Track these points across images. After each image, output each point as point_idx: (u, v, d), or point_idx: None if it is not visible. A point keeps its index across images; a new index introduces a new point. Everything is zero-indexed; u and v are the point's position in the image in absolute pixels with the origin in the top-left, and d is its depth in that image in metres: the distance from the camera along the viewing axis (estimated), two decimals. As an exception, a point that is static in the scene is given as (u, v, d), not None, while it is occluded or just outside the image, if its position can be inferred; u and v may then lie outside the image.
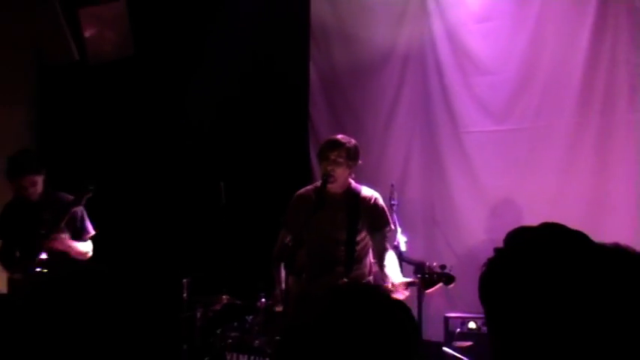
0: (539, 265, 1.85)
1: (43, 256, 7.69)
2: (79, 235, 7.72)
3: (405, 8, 8.81)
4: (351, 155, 7.06)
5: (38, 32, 9.48)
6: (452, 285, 6.83)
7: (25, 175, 7.81)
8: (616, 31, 7.81)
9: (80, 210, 7.74)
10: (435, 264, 6.92)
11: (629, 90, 7.73)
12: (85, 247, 7.75)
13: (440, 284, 6.78)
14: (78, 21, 9.28)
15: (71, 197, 7.85)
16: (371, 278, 7.14)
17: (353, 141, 7.16)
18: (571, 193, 7.85)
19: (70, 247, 7.64)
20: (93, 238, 7.83)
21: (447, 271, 6.84)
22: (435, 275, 6.81)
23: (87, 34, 9.34)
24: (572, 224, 1.97)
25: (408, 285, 6.78)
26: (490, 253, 1.94)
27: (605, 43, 7.84)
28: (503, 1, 8.24)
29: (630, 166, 7.70)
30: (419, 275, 6.94)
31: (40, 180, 7.84)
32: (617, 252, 1.84)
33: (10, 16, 9.69)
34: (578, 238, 1.89)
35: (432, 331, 7.59)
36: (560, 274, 1.81)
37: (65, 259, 7.81)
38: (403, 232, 7.38)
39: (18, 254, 7.92)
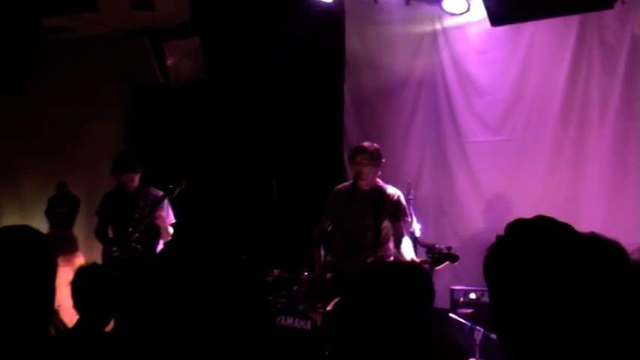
0: (532, 248, 1.87)
1: (137, 235, 7.94)
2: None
3: (420, 43, 8.80)
4: (374, 156, 7.14)
5: (131, 61, 9.56)
6: (456, 263, 6.83)
7: (126, 172, 8.04)
8: (590, 61, 7.84)
9: (166, 201, 7.98)
10: (442, 246, 6.93)
11: (600, 108, 7.78)
12: (170, 230, 7.99)
13: (447, 262, 6.79)
14: (162, 52, 9.34)
15: (159, 191, 8.07)
16: (392, 258, 7.16)
17: (375, 145, 7.25)
18: (552, 190, 7.89)
19: (165, 225, 7.92)
20: (173, 225, 8.07)
21: (452, 251, 6.85)
22: (443, 255, 6.81)
23: (169, 62, 9.39)
24: (554, 216, 1.99)
25: (421, 263, 6.76)
26: (487, 238, 1.96)
27: (581, 70, 7.89)
28: (498, 37, 8.19)
29: (601, 169, 7.76)
30: (429, 255, 6.94)
31: (137, 177, 8.07)
32: (593, 238, 1.86)
33: (110, 49, 9.86)
34: (564, 227, 1.91)
35: (440, 301, 7.44)
36: (549, 256, 1.83)
37: (153, 239, 8.10)
38: (418, 220, 7.39)
39: (111, 232, 8.17)
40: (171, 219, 8.04)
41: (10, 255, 2.40)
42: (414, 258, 7.00)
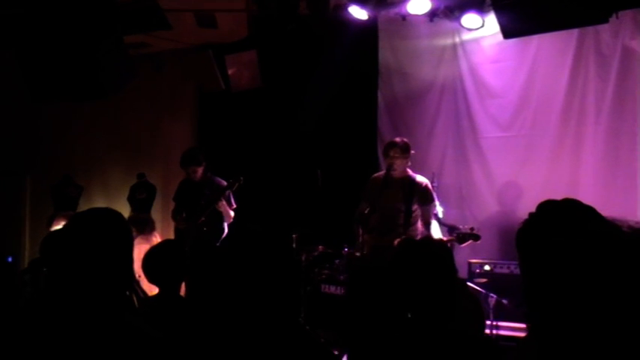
0: (559, 224, 1.86)
1: (203, 218, 8.12)
2: (228, 205, 8.13)
3: (442, 54, 8.81)
4: (404, 150, 7.18)
5: (199, 71, 9.63)
6: (478, 241, 7.01)
7: (190, 165, 8.20)
8: (587, 68, 7.85)
9: (229, 191, 8.16)
10: (467, 227, 7.08)
11: (595, 109, 7.79)
12: (232, 214, 8.18)
13: (470, 241, 6.96)
14: (225, 64, 9.43)
15: (223, 181, 8.21)
16: (420, 237, 7.15)
17: (405, 140, 7.27)
18: (554, 178, 7.89)
19: (227, 210, 8.04)
20: (235, 210, 8.26)
21: (475, 231, 7.02)
22: (467, 235, 6.96)
23: (230, 72, 9.46)
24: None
25: (448, 241, 6.90)
26: (499, 219, 2.04)
27: (579, 76, 7.90)
28: (508, 49, 8.21)
29: (596, 161, 7.76)
30: (455, 234, 7.09)
31: (200, 169, 8.17)
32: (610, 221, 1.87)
33: (181, 61, 10.05)
34: (588, 209, 1.93)
35: (460, 272, 7.62)
36: (573, 231, 1.82)
37: (217, 221, 8.28)
38: (441, 204, 7.55)
39: (184, 215, 8.35)
40: (233, 205, 8.20)
41: (95, 230, 2.48)
42: (442, 237, 7.09)
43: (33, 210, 10.74)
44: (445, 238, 7.08)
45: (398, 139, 7.32)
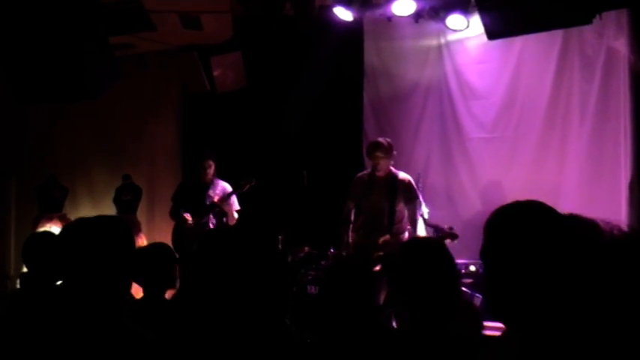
0: (523, 220, 1.90)
1: (206, 219, 8.13)
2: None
3: (427, 55, 8.80)
4: (387, 150, 7.17)
5: (184, 72, 9.65)
6: (456, 241, 6.93)
7: (207, 159, 8.26)
8: (571, 69, 7.84)
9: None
10: (445, 226, 7.11)
11: (580, 110, 7.77)
12: (235, 215, 8.18)
13: (448, 240, 6.90)
14: (210, 65, 9.41)
15: (226, 184, 8.23)
16: (406, 235, 7.17)
17: (388, 140, 7.28)
18: (539, 179, 7.85)
19: (232, 212, 8.15)
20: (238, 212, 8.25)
21: (453, 231, 7.00)
22: (446, 233, 6.95)
23: (215, 73, 9.45)
24: (540, 200, 1.99)
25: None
26: (484, 220, 2.07)
27: (564, 78, 7.88)
28: (493, 50, 8.17)
29: (580, 162, 7.75)
30: (435, 233, 7.08)
31: (213, 165, 8.28)
32: (571, 217, 1.87)
33: (166, 62, 10.01)
34: (548, 208, 1.92)
35: None
36: (534, 229, 1.86)
37: (218, 222, 8.28)
38: (426, 205, 7.49)
39: (184, 214, 8.30)
40: (236, 206, 8.22)
41: (104, 239, 2.53)
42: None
43: (18, 211, 10.65)
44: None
45: (381, 139, 7.32)
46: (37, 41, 6.60)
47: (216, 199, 8.05)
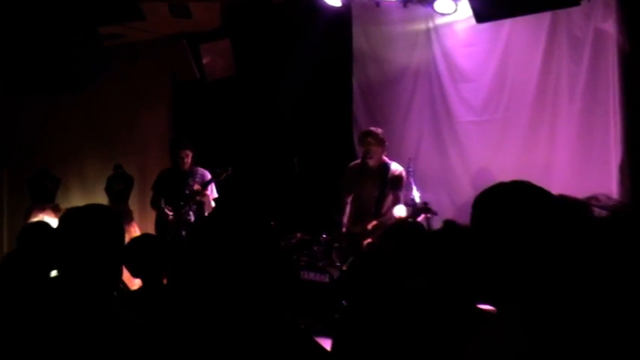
0: (510, 199, 1.97)
1: (187, 208, 8.12)
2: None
3: (416, 39, 8.79)
4: (379, 139, 7.27)
5: (173, 61, 9.63)
6: (435, 215, 7.05)
7: (183, 148, 8.18)
8: (560, 51, 7.82)
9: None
10: (421, 202, 7.19)
11: (569, 91, 7.76)
12: (212, 204, 8.14)
13: (423, 215, 7.03)
14: (199, 53, 9.38)
15: (206, 171, 8.21)
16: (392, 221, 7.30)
17: (380, 130, 7.37)
18: (529, 161, 7.86)
19: (210, 201, 8.10)
20: (215, 200, 8.21)
21: (427, 206, 7.11)
22: (421, 209, 7.10)
23: (205, 61, 9.42)
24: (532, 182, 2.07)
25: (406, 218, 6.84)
26: None
27: (553, 59, 7.87)
28: (481, 32, 8.15)
29: (569, 142, 7.76)
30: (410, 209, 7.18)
31: (190, 155, 8.21)
32: (561, 198, 1.97)
33: (155, 51, 9.97)
34: (536, 187, 1.99)
35: None
36: (522, 206, 1.92)
37: (201, 211, 8.25)
38: (418, 189, 7.48)
39: (163, 204, 8.31)
40: (214, 195, 8.18)
41: (90, 226, 2.56)
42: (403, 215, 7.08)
43: (10, 202, 10.61)
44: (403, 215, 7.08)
45: (374, 128, 7.41)
46: (26, 32, 6.57)
47: (195, 187, 8.04)
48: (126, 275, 4.37)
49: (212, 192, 8.18)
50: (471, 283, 2.44)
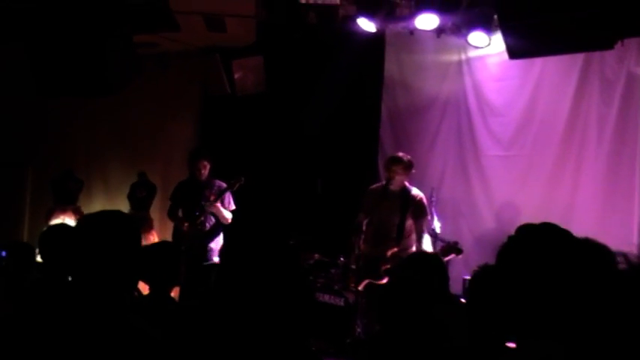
0: (537, 246, 1.98)
1: (202, 218, 8.11)
2: (225, 207, 8.11)
3: (447, 70, 8.79)
4: (407, 167, 7.25)
5: (205, 74, 9.65)
6: (460, 255, 6.94)
7: (201, 159, 8.15)
8: (590, 92, 7.79)
9: (228, 192, 8.16)
10: (452, 241, 7.11)
11: (597, 132, 7.72)
12: (228, 215, 8.15)
13: (452, 254, 6.93)
14: (231, 68, 9.40)
15: (223, 183, 8.21)
16: (414, 249, 7.19)
17: (408, 157, 7.34)
18: (553, 199, 7.82)
19: (221, 212, 8.02)
20: (233, 212, 8.22)
21: (458, 246, 6.99)
22: (451, 248, 6.97)
23: (236, 76, 9.43)
24: (554, 220, 2.13)
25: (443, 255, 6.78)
26: (496, 236, 2.10)
27: (583, 100, 7.84)
28: (513, 68, 8.13)
29: (595, 184, 7.69)
30: (441, 248, 7.11)
31: (208, 166, 8.21)
32: (586, 242, 1.97)
33: (187, 63, 10.03)
34: (564, 232, 2.01)
35: (454, 288, 7.56)
36: (549, 253, 1.95)
37: (216, 222, 8.25)
38: (438, 219, 7.47)
39: (180, 214, 8.33)
40: (232, 206, 8.18)
41: (107, 232, 2.57)
42: (432, 251, 7.04)
43: (33, 202, 10.73)
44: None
45: (402, 155, 7.40)
46: (61, 35, 6.68)
47: (212, 198, 8.05)
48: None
49: (230, 203, 8.15)
50: (499, 320, 2.42)
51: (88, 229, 2.57)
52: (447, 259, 6.89)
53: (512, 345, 2.51)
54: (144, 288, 4.37)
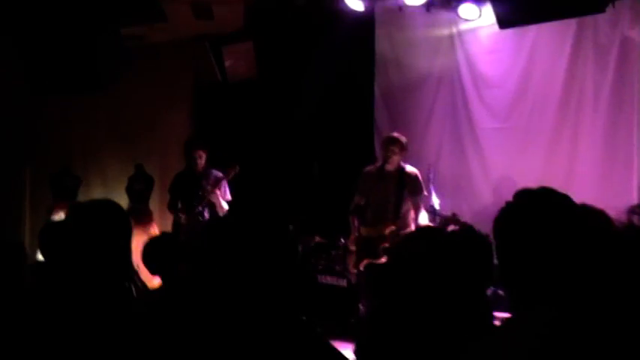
0: (535, 211, 1.96)
1: (200, 209, 8.10)
2: (222, 197, 8.10)
3: (439, 44, 8.74)
4: (403, 148, 7.21)
5: (195, 62, 9.66)
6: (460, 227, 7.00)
7: (197, 148, 8.16)
8: (585, 59, 7.76)
9: (224, 181, 8.15)
10: (450, 213, 7.19)
11: (593, 99, 7.70)
12: (225, 205, 8.14)
13: (452, 226, 6.97)
14: (221, 55, 9.38)
15: (220, 173, 8.21)
16: (412, 226, 7.15)
17: (404, 138, 7.29)
18: (552, 169, 7.81)
19: (219, 202, 8.04)
20: (229, 202, 8.18)
21: (456, 217, 7.04)
22: (449, 219, 7.00)
23: (227, 63, 9.42)
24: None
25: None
26: (495, 210, 2.06)
27: (578, 66, 7.82)
28: (505, 39, 8.11)
29: (593, 151, 7.69)
30: (440, 221, 7.16)
31: (205, 155, 8.18)
32: (584, 208, 1.99)
33: (177, 53, 9.97)
34: (563, 196, 1.99)
35: None
36: (548, 217, 1.92)
37: (212, 212, 8.25)
38: (437, 195, 7.52)
39: (180, 205, 8.32)
40: (228, 197, 8.16)
41: (94, 221, 2.54)
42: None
43: (32, 199, 10.71)
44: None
45: (397, 135, 7.32)
46: (51, 32, 6.65)
47: (209, 188, 8.03)
48: (146, 274, 4.40)
49: (225, 192, 8.13)
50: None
51: (77, 218, 2.55)
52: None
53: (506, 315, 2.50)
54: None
